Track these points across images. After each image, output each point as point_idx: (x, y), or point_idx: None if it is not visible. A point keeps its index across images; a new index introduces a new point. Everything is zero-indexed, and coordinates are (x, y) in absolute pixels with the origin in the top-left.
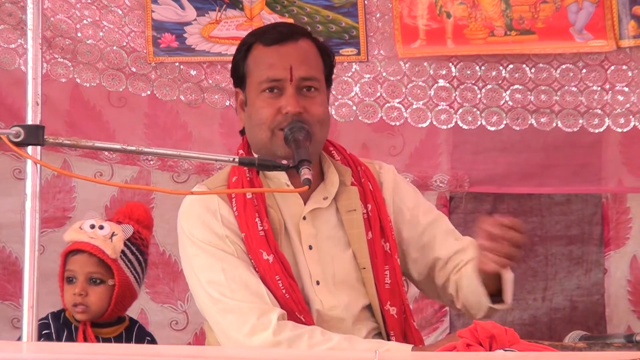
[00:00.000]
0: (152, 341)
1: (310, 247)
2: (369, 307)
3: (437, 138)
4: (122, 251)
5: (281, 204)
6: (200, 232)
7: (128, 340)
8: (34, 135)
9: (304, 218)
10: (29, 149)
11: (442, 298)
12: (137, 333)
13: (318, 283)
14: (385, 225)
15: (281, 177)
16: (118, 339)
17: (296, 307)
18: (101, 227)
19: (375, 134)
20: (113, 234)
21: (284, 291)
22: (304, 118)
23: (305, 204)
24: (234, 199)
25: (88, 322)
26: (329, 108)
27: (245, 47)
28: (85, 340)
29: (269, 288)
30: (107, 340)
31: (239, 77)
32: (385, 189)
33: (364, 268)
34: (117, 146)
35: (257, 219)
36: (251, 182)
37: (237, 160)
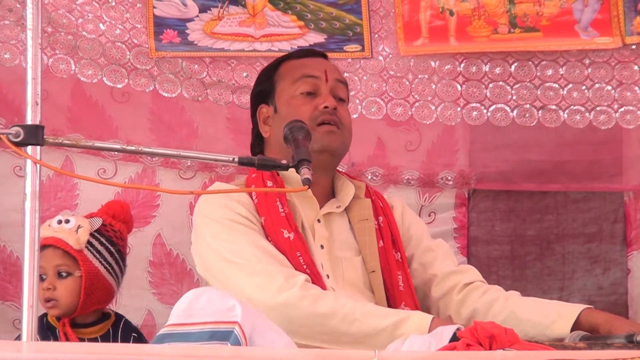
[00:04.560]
0: (139, 337)
1: (322, 247)
2: None
3: (453, 135)
4: (89, 242)
5: (297, 204)
6: (220, 212)
7: (115, 337)
8: (34, 135)
9: (319, 221)
10: (29, 148)
11: (429, 310)
12: (123, 329)
13: (328, 277)
14: (397, 237)
15: (297, 177)
16: (105, 338)
17: (317, 282)
18: (67, 221)
19: (391, 128)
20: (79, 227)
21: (305, 267)
22: (338, 116)
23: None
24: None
25: (67, 321)
26: None
27: (272, 66)
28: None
29: (290, 263)
30: (93, 340)
31: (264, 93)
32: (395, 211)
33: (373, 271)
34: (117, 146)
35: (278, 203)
36: (272, 176)
37: (236, 160)
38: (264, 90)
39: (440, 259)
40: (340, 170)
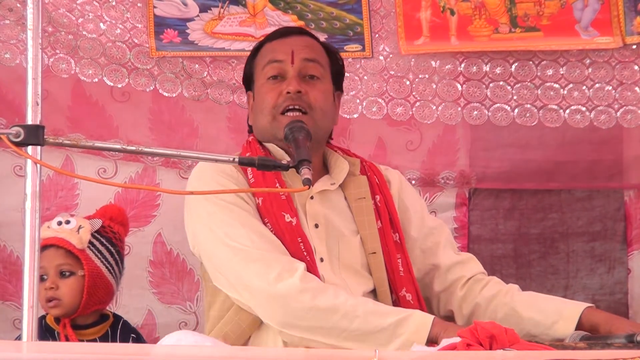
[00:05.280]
0: (138, 338)
1: (317, 226)
2: (373, 294)
3: (454, 135)
4: (91, 242)
5: (290, 184)
6: None
7: (113, 338)
8: (34, 135)
9: (312, 198)
10: (29, 148)
11: (429, 302)
12: (122, 330)
13: (322, 260)
14: (394, 217)
15: (285, 156)
16: (104, 339)
17: (313, 271)
18: (67, 222)
19: (391, 128)
20: (80, 227)
21: (305, 253)
22: (304, 99)
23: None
24: (249, 169)
25: (67, 322)
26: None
27: (254, 50)
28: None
29: (289, 250)
30: (92, 342)
31: (248, 78)
32: (392, 186)
33: (374, 253)
34: (117, 146)
35: (277, 185)
36: (265, 154)
37: (237, 160)
38: (245, 78)
39: (443, 246)
40: (335, 145)
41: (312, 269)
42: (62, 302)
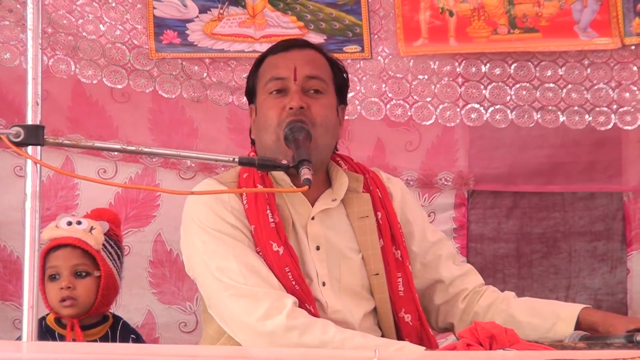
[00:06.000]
0: (137, 339)
1: (318, 248)
2: (372, 314)
3: (453, 136)
4: (103, 244)
5: (289, 204)
6: (210, 220)
7: (113, 339)
8: (34, 135)
9: (313, 218)
10: (29, 148)
11: (429, 314)
12: (121, 331)
13: (324, 284)
14: (396, 232)
15: (286, 179)
16: (103, 340)
17: (306, 299)
18: (79, 223)
19: (390, 129)
20: (92, 228)
21: (293, 283)
22: (307, 115)
23: (312, 206)
24: (244, 196)
25: (76, 322)
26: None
27: (256, 62)
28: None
29: (278, 280)
30: (92, 342)
31: (251, 91)
32: (395, 200)
33: (377, 274)
34: (117, 146)
35: (268, 212)
36: (262, 180)
37: (237, 160)
38: (248, 90)
39: (444, 260)
40: (340, 155)
41: (306, 296)
42: (78, 302)
